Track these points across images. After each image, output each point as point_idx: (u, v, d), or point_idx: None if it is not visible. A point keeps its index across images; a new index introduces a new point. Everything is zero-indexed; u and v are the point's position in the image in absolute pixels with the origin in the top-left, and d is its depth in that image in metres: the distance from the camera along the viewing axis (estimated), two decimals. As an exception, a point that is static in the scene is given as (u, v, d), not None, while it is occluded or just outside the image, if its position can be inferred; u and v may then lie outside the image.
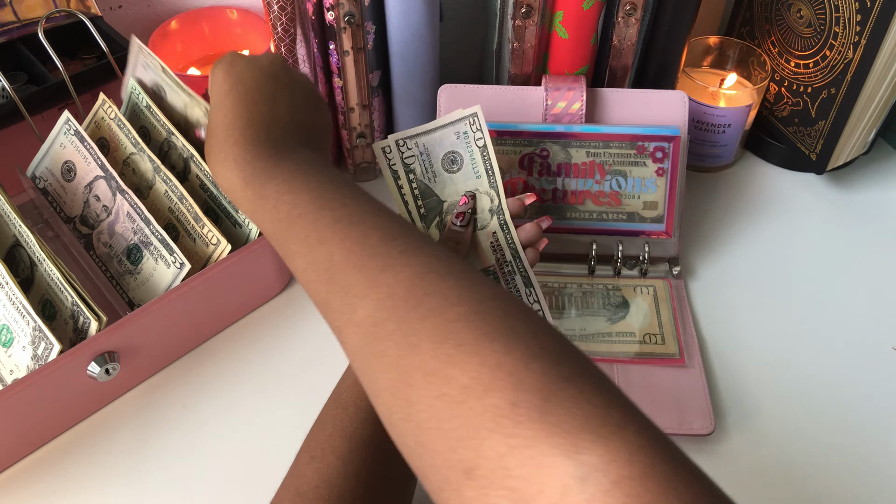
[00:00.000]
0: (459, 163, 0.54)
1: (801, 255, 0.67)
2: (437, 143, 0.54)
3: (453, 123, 0.54)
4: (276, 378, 0.58)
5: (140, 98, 0.62)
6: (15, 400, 0.49)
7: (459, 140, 0.54)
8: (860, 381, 0.58)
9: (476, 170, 0.54)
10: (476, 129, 0.54)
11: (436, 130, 0.54)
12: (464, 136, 0.54)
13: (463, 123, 0.54)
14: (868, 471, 0.53)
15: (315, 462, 0.42)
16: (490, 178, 0.54)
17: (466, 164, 0.54)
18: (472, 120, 0.54)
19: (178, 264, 0.54)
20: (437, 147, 0.54)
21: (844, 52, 0.63)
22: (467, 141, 0.54)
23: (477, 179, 0.54)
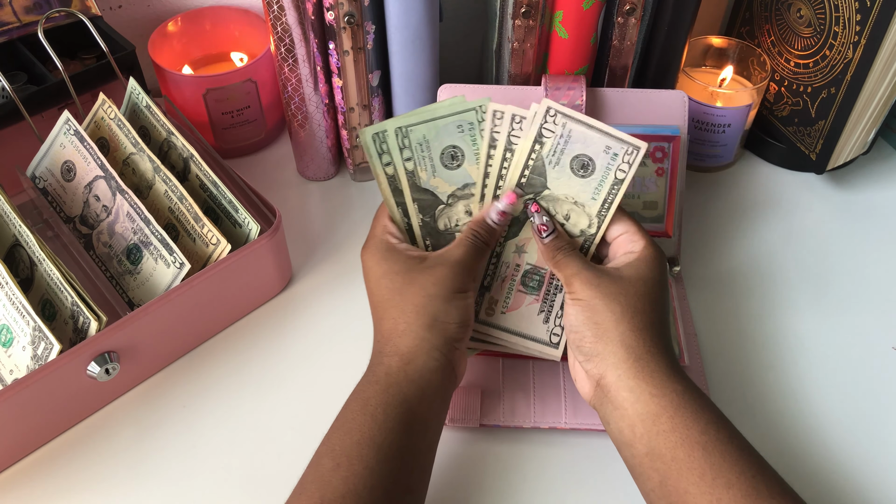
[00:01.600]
0: (590, 171, 0.49)
1: (800, 255, 0.67)
2: (582, 140, 0.49)
3: (611, 137, 0.49)
4: (276, 378, 0.58)
5: (140, 98, 0.62)
6: (15, 400, 0.49)
7: (606, 155, 0.49)
8: (860, 381, 0.58)
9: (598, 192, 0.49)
10: (626, 162, 0.49)
11: (592, 129, 0.49)
12: (613, 156, 0.49)
13: (620, 146, 0.49)
14: (868, 470, 0.53)
15: (341, 470, 0.41)
16: (603, 209, 0.50)
17: (595, 178, 0.49)
18: (630, 150, 0.48)
19: (178, 264, 0.54)
20: (580, 143, 0.49)
21: (844, 51, 0.63)
22: (611, 162, 0.49)
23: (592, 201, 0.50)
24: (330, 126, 0.68)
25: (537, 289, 0.51)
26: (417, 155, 0.50)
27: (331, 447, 0.42)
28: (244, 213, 0.57)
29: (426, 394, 0.44)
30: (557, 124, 0.49)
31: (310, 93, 0.64)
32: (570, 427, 0.53)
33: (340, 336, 0.60)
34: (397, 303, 0.46)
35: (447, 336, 0.45)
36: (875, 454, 0.54)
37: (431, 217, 0.51)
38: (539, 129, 0.49)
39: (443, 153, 0.50)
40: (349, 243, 0.67)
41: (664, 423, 0.42)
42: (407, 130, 0.49)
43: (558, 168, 0.49)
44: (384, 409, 0.43)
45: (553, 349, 0.51)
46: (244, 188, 0.61)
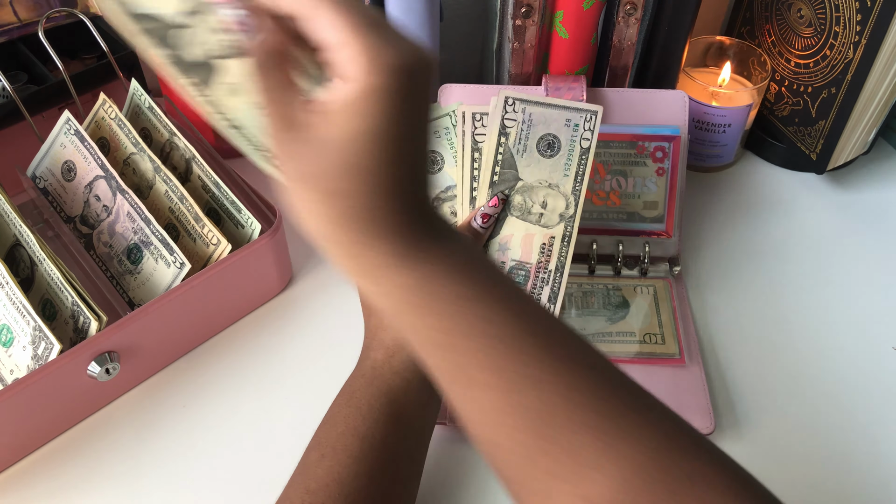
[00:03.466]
0: (556, 149, 0.50)
1: (801, 254, 0.67)
2: (543, 121, 0.50)
3: (568, 109, 0.50)
4: (276, 378, 0.58)
5: (142, 99, 0.62)
6: (15, 400, 0.49)
7: (567, 128, 0.51)
8: (860, 380, 0.58)
9: (568, 166, 0.51)
10: (588, 129, 0.50)
11: (550, 107, 0.50)
12: (574, 126, 0.50)
13: (579, 115, 0.51)
14: (868, 470, 0.53)
15: (326, 460, 0.41)
16: (577, 183, 0.51)
17: (562, 154, 0.51)
18: (588, 116, 0.50)
19: (179, 264, 0.54)
20: (541, 125, 0.50)
21: (845, 51, 0.63)
22: (574, 134, 0.50)
23: (564, 178, 0.51)
24: (330, 126, 0.68)
25: (524, 283, 0.52)
26: None
27: (317, 440, 0.43)
28: (247, 214, 0.57)
29: (411, 385, 0.44)
30: (517, 111, 0.50)
31: (310, 93, 0.64)
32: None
33: (340, 336, 0.60)
34: None
35: None
36: (875, 454, 0.54)
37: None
38: (501, 121, 0.50)
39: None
40: (349, 243, 0.67)
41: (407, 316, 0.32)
42: None
43: (526, 154, 0.50)
44: (368, 400, 0.43)
45: None
46: (244, 188, 0.61)
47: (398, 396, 0.44)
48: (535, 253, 0.52)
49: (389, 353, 0.45)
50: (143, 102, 0.63)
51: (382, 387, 0.44)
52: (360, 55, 0.28)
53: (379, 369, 0.45)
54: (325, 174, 0.30)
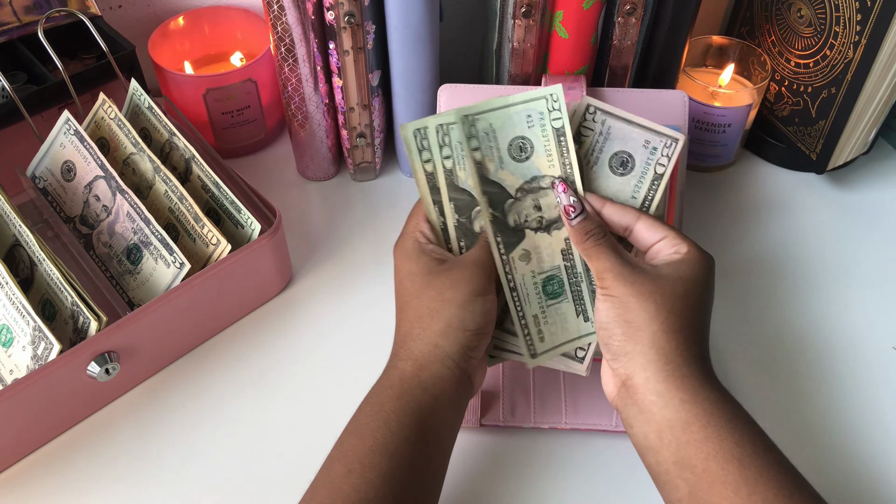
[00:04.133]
0: (629, 168, 0.48)
1: (801, 254, 0.67)
2: (621, 137, 0.48)
3: (650, 130, 0.48)
4: (276, 378, 0.58)
5: (142, 99, 0.62)
6: (15, 400, 0.49)
7: (645, 150, 0.48)
8: (860, 380, 0.58)
9: (638, 189, 0.48)
10: (665, 155, 0.48)
11: (631, 124, 0.48)
12: (652, 150, 0.48)
13: (659, 139, 0.48)
14: (868, 470, 0.53)
15: (353, 477, 0.40)
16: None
17: (634, 175, 0.48)
18: (669, 142, 0.47)
19: (178, 264, 0.54)
20: (618, 140, 0.48)
21: (845, 51, 0.63)
22: (650, 157, 0.48)
23: (631, 199, 0.48)
24: (330, 126, 0.68)
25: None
26: (457, 154, 0.47)
27: (343, 452, 0.42)
28: (247, 214, 0.57)
29: (440, 403, 0.43)
30: (597, 122, 0.48)
31: (310, 92, 0.64)
32: (570, 427, 0.53)
33: (340, 336, 0.60)
34: (415, 306, 0.45)
35: (461, 344, 0.44)
36: (875, 454, 0.54)
37: (467, 218, 0.48)
38: (578, 128, 0.48)
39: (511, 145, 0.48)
40: (349, 243, 0.67)
41: (696, 433, 0.40)
42: (448, 128, 0.46)
43: (596, 168, 0.48)
44: (398, 416, 0.42)
45: (578, 363, 0.49)
46: (244, 188, 0.61)
47: (427, 414, 0.43)
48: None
49: (419, 366, 0.44)
50: (142, 102, 0.63)
51: (412, 402, 0.43)
52: (683, 238, 0.45)
53: (408, 382, 0.43)
54: (667, 296, 0.42)
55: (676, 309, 0.42)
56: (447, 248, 0.48)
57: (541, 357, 0.48)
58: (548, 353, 0.48)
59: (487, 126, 0.47)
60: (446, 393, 0.43)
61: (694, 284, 0.43)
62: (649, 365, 0.42)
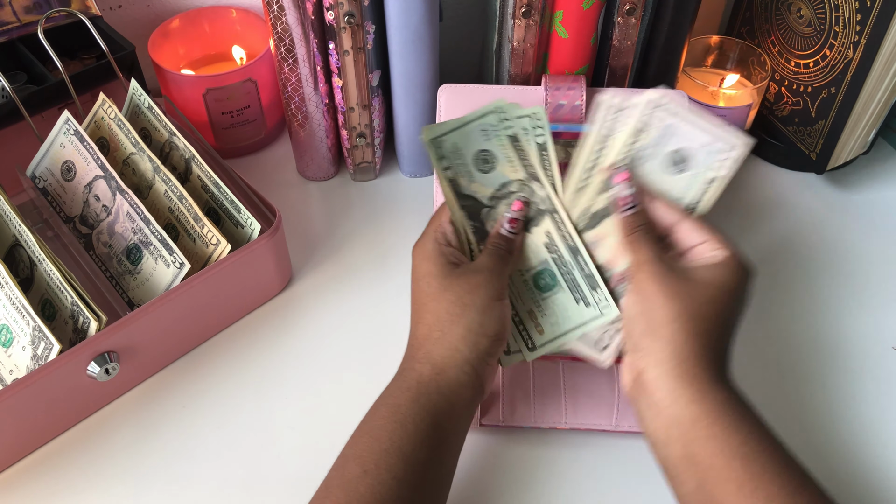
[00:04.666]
0: (684, 169, 0.48)
1: (800, 254, 0.67)
2: (685, 135, 0.48)
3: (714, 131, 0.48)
4: (276, 378, 0.58)
5: (142, 99, 0.62)
6: (15, 400, 0.49)
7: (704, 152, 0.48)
8: (860, 380, 0.58)
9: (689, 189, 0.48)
10: (723, 160, 0.48)
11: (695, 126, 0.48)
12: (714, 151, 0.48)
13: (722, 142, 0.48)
14: (868, 470, 0.53)
15: (368, 478, 0.40)
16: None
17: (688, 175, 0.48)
18: (727, 147, 0.48)
19: (178, 264, 0.54)
20: (680, 137, 0.48)
21: (844, 51, 0.63)
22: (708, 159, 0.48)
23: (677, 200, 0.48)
24: (330, 126, 0.68)
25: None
26: (455, 162, 0.49)
27: (358, 452, 0.42)
28: (246, 214, 0.57)
29: (455, 409, 0.43)
30: (659, 118, 0.48)
31: (310, 93, 0.64)
32: (570, 427, 0.53)
33: (340, 336, 0.60)
34: (433, 309, 0.45)
35: (480, 350, 0.44)
36: (875, 454, 0.54)
37: (480, 222, 0.50)
38: (641, 121, 0.48)
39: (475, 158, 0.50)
40: (349, 243, 0.67)
41: (702, 430, 0.41)
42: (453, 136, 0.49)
43: (651, 163, 0.48)
44: (414, 418, 0.42)
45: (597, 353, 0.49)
46: (244, 188, 0.61)
47: (442, 420, 0.43)
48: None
49: (437, 371, 0.44)
50: (142, 102, 0.63)
51: (428, 406, 0.43)
52: (725, 243, 0.45)
53: (425, 386, 0.43)
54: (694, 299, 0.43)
55: (701, 313, 0.43)
56: (469, 251, 0.49)
57: (542, 348, 0.49)
58: (551, 342, 0.49)
59: (452, 145, 0.49)
60: (462, 398, 0.44)
61: (724, 291, 0.44)
62: (662, 363, 0.43)
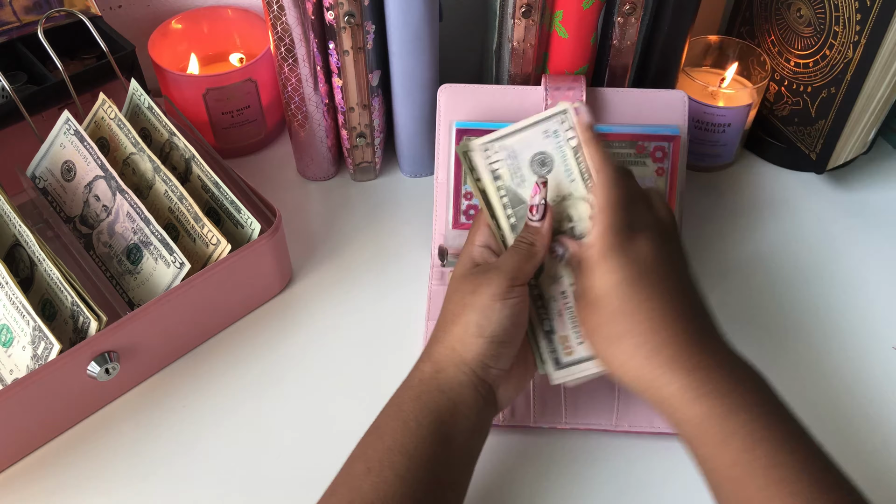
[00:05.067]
0: (550, 164, 0.48)
1: (800, 254, 0.67)
2: (526, 145, 0.48)
3: (542, 122, 0.48)
4: (276, 378, 0.58)
5: (142, 99, 0.62)
6: (15, 400, 0.49)
7: (549, 139, 0.48)
8: (860, 380, 0.58)
9: (569, 172, 0.48)
10: (567, 128, 0.48)
11: (522, 131, 0.49)
12: (553, 134, 0.48)
13: (553, 121, 0.48)
14: (868, 470, 0.53)
15: (372, 476, 0.40)
16: (587, 182, 0.47)
17: (558, 165, 0.48)
18: (562, 118, 0.48)
19: (178, 264, 0.54)
20: (526, 149, 0.48)
21: (844, 51, 0.63)
22: (558, 141, 0.48)
23: (571, 183, 0.48)
24: (330, 126, 0.68)
25: None
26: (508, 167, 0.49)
27: (363, 451, 0.42)
28: (247, 214, 0.57)
29: (459, 409, 0.43)
30: (497, 150, 0.49)
31: (310, 92, 0.64)
32: (570, 427, 0.53)
33: (340, 336, 0.60)
34: (444, 308, 0.46)
35: (476, 352, 0.44)
36: (875, 453, 0.54)
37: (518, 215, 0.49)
38: (489, 169, 0.49)
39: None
40: (349, 243, 0.67)
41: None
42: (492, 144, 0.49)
43: (526, 184, 0.49)
44: (416, 416, 0.42)
45: None
46: (244, 188, 0.61)
47: (445, 417, 0.43)
48: None
49: (437, 368, 0.44)
50: (142, 102, 0.63)
51: (430, 403, 0.43)
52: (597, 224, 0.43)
53: (426, 384, 0.44)
54: (600, 323, 0.42)
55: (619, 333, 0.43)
56: None
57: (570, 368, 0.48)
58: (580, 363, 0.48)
59: (507, 146, 0.49)
60: (464, 399, 0.43)
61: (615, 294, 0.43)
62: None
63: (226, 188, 0.58)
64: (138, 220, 0.56)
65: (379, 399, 0.46)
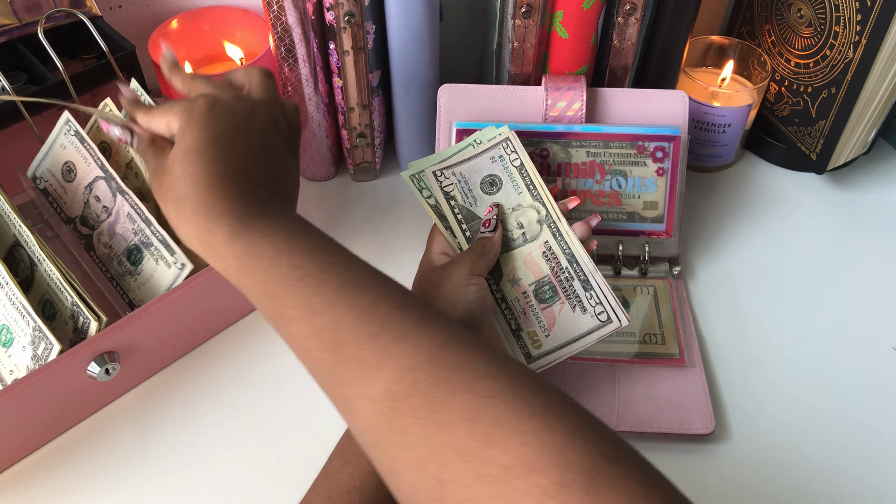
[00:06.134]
0: (499, 184, 0.54)
1: (801, 254, 0.67)
2: (475, 171, 0.54)
3: (488, 150, 0.54)
4: (276, 378, 0.58)
5: (143, 99, 0.62)
6: (15, 400, 0.49)
7: (496, 164, 0.54)
8: (860, 380, 0.58)
9: (517, 187, 0.54)
10: (511, 152, 0.54)
11: (471, 160, 0.54)
12: (499, 159, 0.54)
13: (497, 148, 0.54)
14: (868, 470, 0.53)
15: (348, 467, 0.41)
16: (532, 192, 0.53)
17: (506, 183, 0.54)
18: (505, 144, 0.54)
19: (179, 265, 0.54)
20: (475, 174, 0.54)
21: (845, 51, 0.63)
22: (504, 163, 0.54)
23: (519, 195, 0.53)
24: (330, 126, 0.68)
25: (556, 295, 0.52)
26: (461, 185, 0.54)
27: (341, 446, 0.43)
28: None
29: None
30: (448, 175, 0.54)
31: (310, 92, 0.64)
32: (570, 427, 0.53)
33: (340, 336, 0.60)
34: None
35: None
36: (875, 454, 0.54)
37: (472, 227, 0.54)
38: (442, 192, 0.53)
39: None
40: (349, 243, 0.66)
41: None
42: (442, 171, 0.54)
43: (480, 202, 0.54)
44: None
45: (613, 324, 0.51)
46: (244, 188, 0.61)
47: None
48: (542, 264, 0.53)
49: None
50: (142, 101, 0.62)
51: None
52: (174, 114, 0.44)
53: None
54: (169, 188, 0.41)
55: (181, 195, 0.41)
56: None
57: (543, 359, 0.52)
58: (552, 353, 0.52)
59: (457, 173, 0.54)
60: None
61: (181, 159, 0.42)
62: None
63: (226, 188, 0.58)
64: (139, 221, 0.56)
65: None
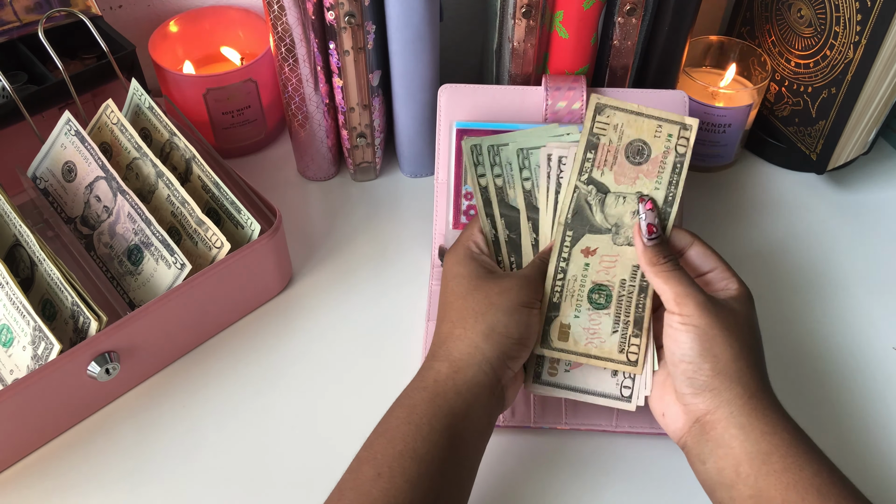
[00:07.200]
0: (646, 156, 0.49)
1: (800, 255, 0.67)
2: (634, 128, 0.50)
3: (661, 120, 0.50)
4: (276, 378, 0.58)
5: (142, 99, 0.62)
6: (15, 400, 0.49)
7: (658, 139, 0.50)
8: (860, 380, 0.58)
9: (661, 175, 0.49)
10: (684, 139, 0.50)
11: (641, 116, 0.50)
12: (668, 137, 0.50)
13: (672, 125, 0.50)
14: (868, 470, 0.53)
15: (382, 481, 0.40)
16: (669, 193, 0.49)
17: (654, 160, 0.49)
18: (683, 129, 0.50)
19: (179, 265, 0.54)
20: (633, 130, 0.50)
21: (845, 51, 0.63)
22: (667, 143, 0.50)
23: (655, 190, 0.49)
24: (330, 126, 0.68)
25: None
26: (506, 173, 0.51)
27: (373, 454, 0.41)
28: (247, 214, 0.57)
29: (473, 410, 0.43)
30: (609, 118, 0.49)
31: (310, 93, 0.64)
32: (570, 427, 0.53)
33: (340, 336, 0.60)
34: (458, 307, 0.46)
35: (502, 350, 0.44)
36: (875, 454, 0.54)
37: (517, 234, 0.51)
38: (591, 128, 0.49)
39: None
40: (349, 243, 0.67)
41: (775, 463, 0.41)
42: (499, 149, 0.51)
43: (618, 161, 0.49)
44: (429, 420, 0.42)
45: (626, 402, 0.49)
46: (244, 188, 0.61)
47: (458, 421, 0.42)
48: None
49: (454, 369, 0.43)
50: (143, 102, 0.63)
51: (444, 406, 0.42)
52: (733, 274, 0.47)
53: (442, 384, 0.43)
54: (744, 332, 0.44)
55: (749, 344, 0.44)
56: (497, 262, 0.50)
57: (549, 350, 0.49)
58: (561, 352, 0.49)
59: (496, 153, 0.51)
60: (479, 400, 0.43)
61: (754, 321, 0.46)
62: (735, 400, 0.43)
63: (226, 188, 0.58)
64: (139, 221, 0.56)
65: (379, 399, 0.46)
